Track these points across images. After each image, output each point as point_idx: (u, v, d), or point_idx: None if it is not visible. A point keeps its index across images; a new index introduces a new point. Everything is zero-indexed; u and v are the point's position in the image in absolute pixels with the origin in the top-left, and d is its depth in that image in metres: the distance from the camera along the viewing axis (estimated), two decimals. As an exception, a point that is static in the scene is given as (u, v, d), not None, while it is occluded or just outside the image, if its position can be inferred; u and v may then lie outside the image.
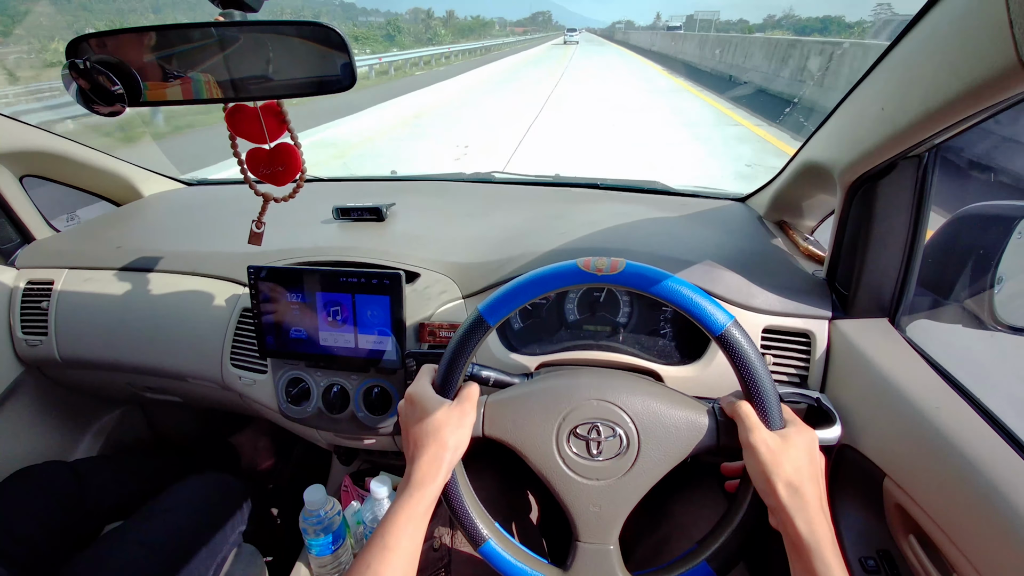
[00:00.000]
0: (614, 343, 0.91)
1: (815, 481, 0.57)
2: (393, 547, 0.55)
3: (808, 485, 0.55)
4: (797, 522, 0.54)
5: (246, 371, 1.03)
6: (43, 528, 0.96)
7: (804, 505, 0.54)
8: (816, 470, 0.57)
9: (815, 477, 0.57)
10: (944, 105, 0.52)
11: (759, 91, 11.92)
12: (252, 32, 0.57)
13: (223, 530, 0.98)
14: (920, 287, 0.81)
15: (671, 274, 0.61)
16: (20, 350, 1.17)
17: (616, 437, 0.64)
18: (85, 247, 1.21)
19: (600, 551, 0.64)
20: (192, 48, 0.57)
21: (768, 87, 11.66)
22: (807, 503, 0.54)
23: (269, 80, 0.58)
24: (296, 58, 0.58)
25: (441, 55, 26.15)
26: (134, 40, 0.57)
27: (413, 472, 0.60)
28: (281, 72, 0.59)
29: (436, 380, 0.67)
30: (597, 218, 1.08)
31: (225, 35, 0.57)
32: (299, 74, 0.59)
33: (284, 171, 0.67)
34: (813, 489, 0.56)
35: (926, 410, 0.62)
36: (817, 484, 0.57)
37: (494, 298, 0.64)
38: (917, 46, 0.59)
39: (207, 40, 0.57)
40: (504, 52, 37.44)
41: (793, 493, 0.55)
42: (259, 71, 0.58)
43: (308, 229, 1.17)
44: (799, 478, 0.55)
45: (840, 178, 0.77)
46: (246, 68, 0.57)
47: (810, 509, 0.54)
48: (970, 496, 0.54)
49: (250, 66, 0.58)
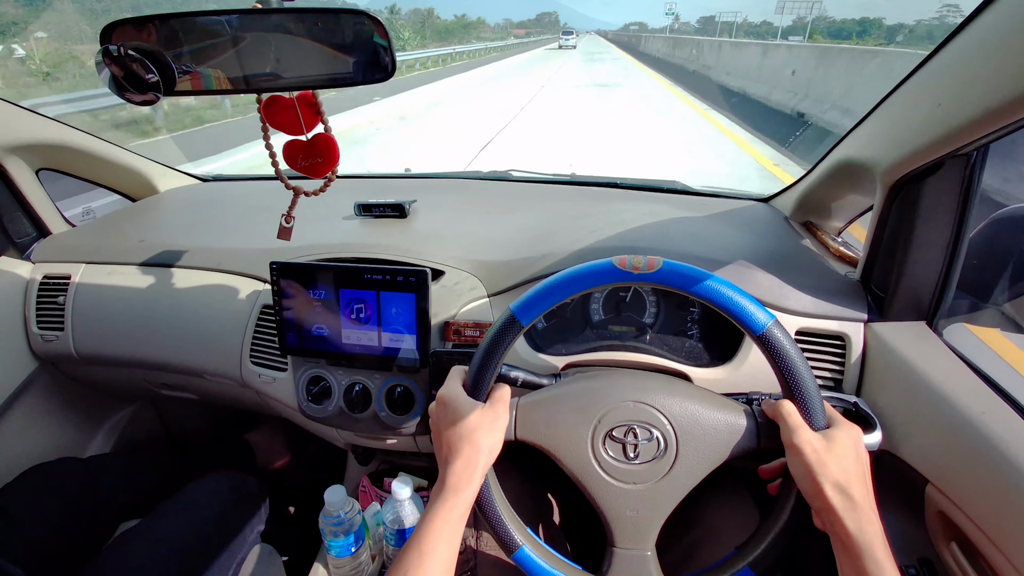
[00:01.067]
0: (641, 344, 0.90)
1: (862, 480, 0.55)
2: (429, 553, 0.54)
3: (856, 484, 0.54)
4: (847, 522, 0.52)
5: (266, 369, 1.01)
6: (56, 525, 0.95)
7: (853, 505, 0.53)
8: (863, 469, 0.56)
9: (862, 476, 0.56)
10: (1006, 103, 0.51)
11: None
12: (289, 19, 0.55)
13: (241, 530, 0.97)
14: (957, 290, 0.79)
15: (710, 273, 0.59)
16: (35, 345, 1.16)
17: (653, 440, 0.62)
18: (103, 242, 1.20)
19: (637, 557, 0.62)
20: (228, 36, 0.56)
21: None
22: (856, 503, 0.53)
23: (306, 69, 0.56)
24: (334, 47, 0.56)
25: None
26: (169, 26, 0.55)
27: (448, 477, 0.58)
28: (317, 62, 0.57)
29: (467, 382, 0.65)
30: (625, 217, 1.07)
31: (262, 22, 0.56)
32: (336, 63, 0.57)
33: (323, 162, 0.66)
34: (861, 488, 0.54)
35: (971, 415, 0.61)
36: (864, 483, 0.55)
37: (527, 297, 0.62)
38: (977, 41, 0.57)
39: (243, 27, 0.55)
40: (470, 64, 27.30)
41: (841, 493, 0.54)
42: (295, 59, 0.56)
43: (330, 225, 1.15)
44: (846, 478, 0.54)
45: (882, 177, 0.75)
46: (283, 56, 0.56)
47: (859, 509, 0.53)
48: (1018, 501, 0.52)
49: (287, 55, 0.56)
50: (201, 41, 0.57)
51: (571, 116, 10.26)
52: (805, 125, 8.52)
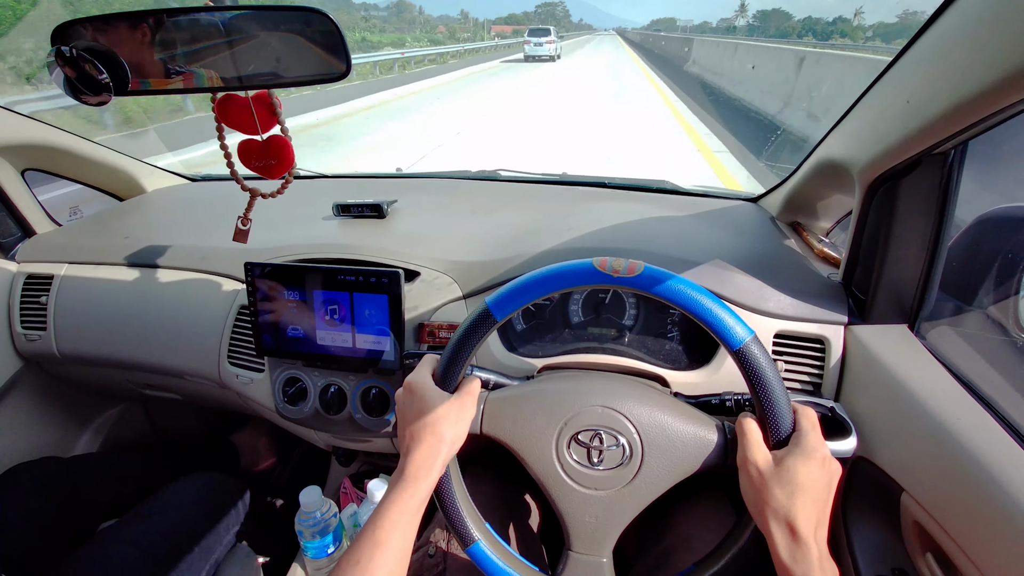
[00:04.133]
0: (619, 346, 0.88)
1: (812, 508, 0.52)
2: (384, 542, 0.53)
3: (801, 513, 0.51)
4: (780, 551, 0.51)
5: (243, 369, 1.01)
6: (35, 525, 0.95)
7: (791, 534, 0.51)
8: (814, 497, 0.53)
9: (812, 504, 0.52)
10: (977, 96, 0.49)
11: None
12: (243, 18, 0.55)
13: (216, 530, 0.97)
14: (941, 292, 0.77)
15: (692, 281, 0.58)
16: (19, 345, 1.17)
17: (619, 447, 0.61)
18: (86, 242, 1.20)
19: (592, 563, 0.62)
20: (182, 34, 0.55)
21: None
22: (796, 533, 0.51)
23: (260, 68, 0.56)
24: (287, 46, 0.55)
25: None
26: (122, 25, 0.54)
27: (407, 465, 0.58)
28: (270, 60, 0.56)
29: (437, 372, 0.64)
30: (604, 217, 1.05)
31: (215, 21, 0.55)
32: (291, 63, 0.56)
33: (277, 164, 0.65)
34: (807, 517, 0.51)
35: (947, 422, 0.59)
36: (814, 511, 0.52)
37: (503, 292, 0.61)
38: (947, 33, 0.55)
39: (197, 26, 0.55)
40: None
41: (778, 521, 0.52)
42: (250, 58, 0.56)
43: (307, 226, 1.15)
44: (789, 504, 0.51)
45: (859, 176, 0.74)
46: (237, 55, 0.55)
47: (798, 539, 0.51)
48: (992, 514, 0.51)
49: (242, 54, 0.56)
50: (154, 39, 0.56)
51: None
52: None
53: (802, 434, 0.56)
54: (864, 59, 7.03)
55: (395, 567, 0.54)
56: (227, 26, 0.55)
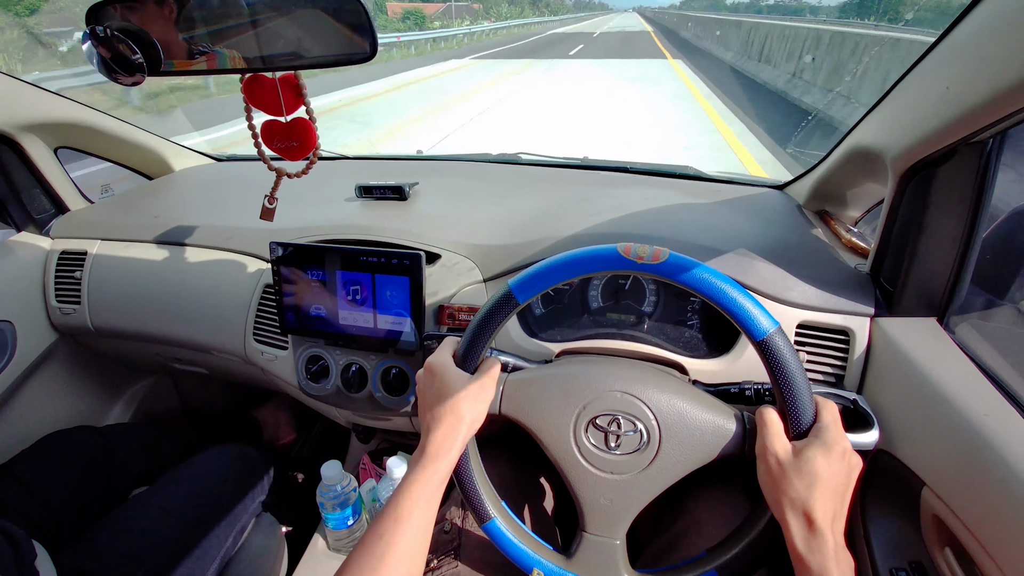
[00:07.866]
0: (638, 332, 0.88)
1: (830, 500, 0.52)
2: (406, 518, 0.54)
3: (819, 504, 0.51)
4: (797, 542, 0.51)
5: (268, 346, 1.03)
6: (69, 491, 0.99)
7: (809, 525, 0.51)
8: (834, 488, 0.53)
9: (831, 495, 0.52)
10: (1020, 83, 0.47)
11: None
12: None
13: (243, 499, 1.00)
14: (972, 285, 0.75)
15: (716, 271, 0.57)
16: (54, 318, 1.21)
17: (637, 432, 0.62)
18: (118, 219, 1.24)
19: (606, 545, 0.63)
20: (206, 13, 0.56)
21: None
22: (814, 524, 0.51)
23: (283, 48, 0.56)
24: (311, 24, 0.55)
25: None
26: (150, 4, 0.55)
27: (428, 444, 0.59)
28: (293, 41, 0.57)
29: (458, 352, 0.65)
30: (626, 202, 1.04)
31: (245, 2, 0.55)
32: (314, 43, 0.56)
33: (298, 146, 0.66)
34: (824, 508, 0.52)
35: (973, 417, 0.58)
36: (832, 503, 0.52)
37: (526, 275, 0.62)
38: (990, 18, 0.53)
39: (222, 3, 0.55)
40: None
41: (796, 512, 0.52)
42: (274, 39, 0.56)
43: (330, 207, 1.16)
44: (807, 495, 0.52)
45: (893, 164, 0.71)
46: (261, 35, 0.56)
47: (815, 530, 0.51)
48: (1016, 511, 0.50)
49: (265, 34, 0.56)
50: (186, 19, 0.57)
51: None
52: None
53: (823, 427, 0.56)
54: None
55: (417, 542, 0.55)
56: (251, 4, 0.56)
